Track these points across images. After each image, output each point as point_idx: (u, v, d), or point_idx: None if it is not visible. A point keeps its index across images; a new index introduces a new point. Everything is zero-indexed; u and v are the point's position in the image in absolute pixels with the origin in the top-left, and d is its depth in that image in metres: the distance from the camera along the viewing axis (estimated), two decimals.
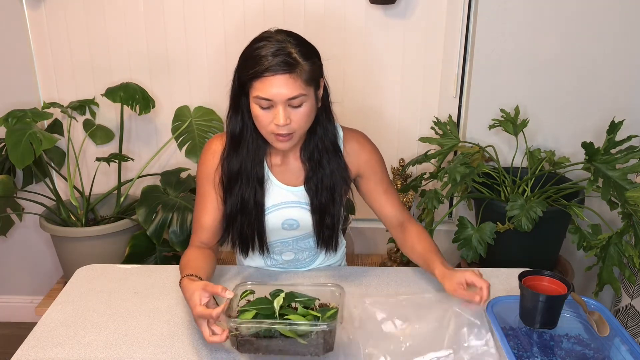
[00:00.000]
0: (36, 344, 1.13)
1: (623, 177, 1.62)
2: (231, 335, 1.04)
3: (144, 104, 1.98)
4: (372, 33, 2.05)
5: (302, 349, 1.04)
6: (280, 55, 1.16)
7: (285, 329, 1.02)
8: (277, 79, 1.16)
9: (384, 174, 1.40)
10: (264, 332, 1.02)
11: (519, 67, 2.00)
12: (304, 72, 1.18)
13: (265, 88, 1.16)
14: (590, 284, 2.24)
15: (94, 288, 1.32)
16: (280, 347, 1.04)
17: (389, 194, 1.40)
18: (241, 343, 1.05)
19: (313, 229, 1.36)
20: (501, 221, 1.78)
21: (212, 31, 2.07)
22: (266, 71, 1.15)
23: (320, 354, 1.05)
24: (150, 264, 1.93)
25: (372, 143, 1.40)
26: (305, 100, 1.19)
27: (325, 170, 1.32)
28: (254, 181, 1.31)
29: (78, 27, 2.08)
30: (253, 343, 1.04)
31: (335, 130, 1.34)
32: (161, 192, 1.98)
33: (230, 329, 1.03)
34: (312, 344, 1.03)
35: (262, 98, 1.17)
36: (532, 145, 2.05)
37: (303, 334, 1.02)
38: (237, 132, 1.29)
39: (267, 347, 1.04)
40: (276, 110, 1.18)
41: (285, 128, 1.19)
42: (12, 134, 1.77)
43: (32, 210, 2.12)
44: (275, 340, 1.03)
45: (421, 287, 1.33)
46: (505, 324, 1.17)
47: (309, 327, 1.02)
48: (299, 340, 1.02)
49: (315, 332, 1.02)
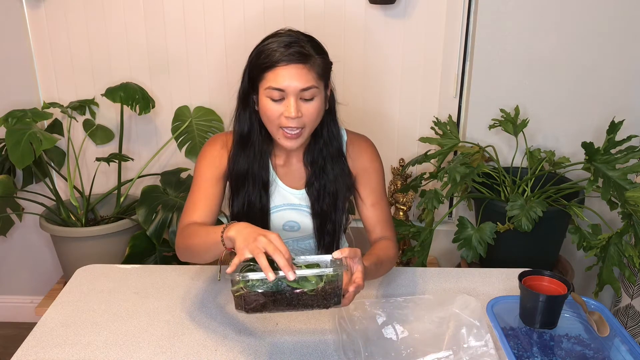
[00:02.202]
0: (36, 344, 1.13)
1: (623, 177, 1.62)
2: (236, 296, 1.01)
3: (144, 104, 1.98)
4: (372, 33, 2.05)
5: (310, 301, 1.01)
6: (293, 47, 1.16)
7: (292, 281, 0.99)
8: (291, 68, 1.15)
9: (378, 186, 1.35)
10: (270, 287, 1.00)
11: (519, 67, 2.00)
12: (316, 65, 1.18)
13: (278, 78, 1.15)
14: (590, 284, 2.24)
15: (94, 288, 1.32)
16: (288, 301, 1.01)
17: (377, 208, 1.35)
18: (247, 302, 1.01)
19: (314, 234, 1.35)
20: (501, 221, 1.78)
21: (212, 31, 2.07)
22: (280, 62, 1.15)
23: (329, 305, 1.02)
24: (150, 264, 1.93)
25: (374, 152, 1.37)
26: (316, 94, 1.19)
27: (329, 176, 1.30)
28: (259, 184, 1.30)
29: (78, 27, 2.08)
30: (259, 300, 1.01)
31: (341, 136, 1.33)
32: (161, 192, 1.98)
33: (236, 290, 1.00)
34: (319, 295, 1.01)
35: (274, 88, 1.16)
36: (532, 145, 2.05)
37: (310, 286, 1.00)
38: (246, 132, 1.28)
39: (275, 302, 1.01)
40: (287, 102, 1.17)
41: (296, 121, 1.17)
42: (12, 134, 1.77)
43: (32, 210, 2.12)
44: (281, 295, 1.01)
45: (421, 288, 1.33)
46: (505, 324, 1.17)
47: (317, 273, 1.00)
48: (306, 291, 1.00)
49: (323, 282, 1.00)
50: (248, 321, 1.19)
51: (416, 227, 1.92)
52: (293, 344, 1.12)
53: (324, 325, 1.18)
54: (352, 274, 1.04)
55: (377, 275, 1.25)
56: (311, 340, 1.13)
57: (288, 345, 1.12)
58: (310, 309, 1.03)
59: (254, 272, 1.01)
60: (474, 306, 1.16)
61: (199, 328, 1.17)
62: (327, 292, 1.01)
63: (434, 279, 1.36)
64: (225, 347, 1.11)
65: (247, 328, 1.17)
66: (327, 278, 1.00)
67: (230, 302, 1.25)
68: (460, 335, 1.10)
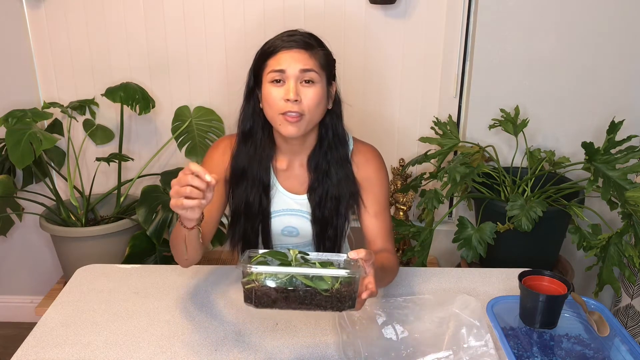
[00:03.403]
0: (36, 344, 1.13)
1: (623, 177, 1.62)
2: (246, 289, 0.97)
3: (144, 104, 1.98)
4: (372, 33, 2.05)
5: (324, 302, 0.97)
6: (297, 36, 1.21)
7: (306, 278, 0.95)
8: (292, 52, 1.19)
9: (381, 197, 1.33)
10: (283, 282, 0.95)
11: (519, 67, 2.00)
12: (319, 56, 1.21)
13: (280, 61, 1.19)
14: (590, 284, 2.24)
15: (94, 288, 1.32)
16: (300, 299, 0.96)
17: (380, 219, 1.32)
18: (258, 296, 0.96)
19: (313, 239, 1.35)
20: (501, 221, 1.78)
21: (212, 31, 2.07)
22: (282, 48, 1.19)
23: (343, 308, 0.98)
24: (150, 264, 1.93)
25: (381, 162, 1.36)
26: (317, 80, 1.20)
27: (332, 180, 1.30)
28: (259, 186, 1.30)
29: (78, 27, 2.08)
30: (270, 295, 0.96)
31: (347, 140, 1.33)
32: (161, 192, 1.98)
33: (247, 282, 0.96)
34: (334, 297, 0.96)
35: (275, 70, 1.18)
36: (532, 145, 2.05)
37: (325, 286, 0.95)
38: (248, 129, 1.29)
39: (286, 299, 0.96)
40: (287, 86, 1.18)
41: (295, 105, 1.18)
42: (12, 134, 1.77)
43: (32, 210, 2.12)
44: (294, 292, 0.96)
45: (421, 288, 1.33)
46: (505, 324, 1.17)
47: (333, 274, 0.95)
48: (320, 291, 0.95)
49: (339, 282, 0.96)
50: (248, 321, 1.19)
51: (416, 227, 1.92)
52: (293, 344, 1.12)
53: (324, 325, 1.18)
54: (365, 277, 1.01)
55: (381, 284, 1.23)
56: (311, 340, 1.13)
57: (288, 345, 1.12)
58: (323, 310, 0.98)
59: (267, 266, 0.97)
60: (474, 306, 1.16)
61: (199, 328, 1.17)
62: (342, 294, 0.97)
63: (434, 279, 1.36)
64: (225, 347, 1.11)
65: (247, 328, 1.17)
66: (343, 280, 0.96)
67: (231, 303, 1.25)
68: (460, 335, 1.10)
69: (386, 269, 1.21)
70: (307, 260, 1.03)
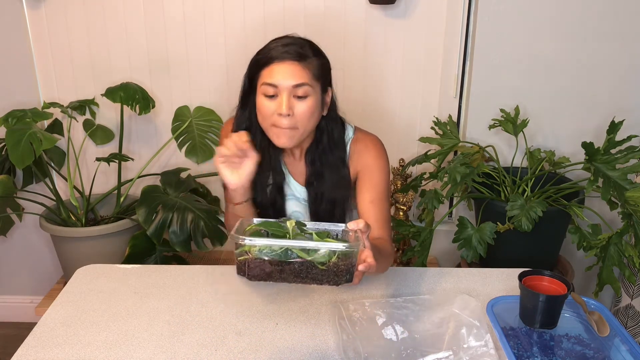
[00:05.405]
0: (36, 344, 1.13)
1: (623, 177, 1.62)
2: (239, 261, 0.92)
3: (144, 104, 1.98)
4: (372, 33, 2.05)
5: (320, 276, 0.93)
6: (291, 46, 1.19)
7: (302, 251, 0.90)
8: (285, 65, 1.17)
9: (379, 184, 1.32)
10: (278, 254, 0.91)
11: (519, 67, 2.00)
12: (312, 66, 1.19)
13: (272, 74, 1.18)
14: (590, 284, 2.24)
15: (94, 288, 1.32)
16: (296, 273, 0.92)
17: (376, 206, 1.31)
18: (251, 268, 0.92)
19: None
20: (501, 221, 1.78)
21: (213, 31, 2.07)
22: (275, 59, 1.18)
23: (339, 282, 0.94)
24: (150, 264, 1.93)
25: (380, 150, 1.35)
26: (310, 93, 1.19)
27: (327, 184, 1.31)
28: (273, 186, 1.33)
29: (78, 27, 2.08)
30: (265, 268, 0.92)
31: (344, 143, 1.33)
32: (161, 192, 1.98)
33: (240, 253, 0.92)
34: (331, 271, 0.92)
35: (268, 84, 1.18)
36: (532, 145, 2.05)
37: (322, 259, 0.90)
38: (243, 129, 1.30)
39: (281, 272, 0.92)
40: (280, 100, 1.18)
41: (288, 120, 1.18)
42: (12, 134, 1.77)
43: (32, 210, 2.12)
44: (289, 266, 0.91)
45: (421, 288, 1.33)
46: (505, 324, 1.17)
47: (330, 247, 0.90)
48: (317, 264, 0.91)
49: (336, 256, 0.91)
50: (248, 321, 1.19)
51: (416, 227, 1.93)
52: (293, 344, 1.12)
53: (324, 326, 1.18)
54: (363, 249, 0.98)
55: (377, 267, 1.23)
56: (311, 340, 1.13)
57: (288, 345, 1.12)
58: (319, 284, 0.94)
59: (261, 238, 0.92)
60: (474, 306, 1.16)
61: (199, 328, 1.17)
62: (339, 268, 0.92)
63: (434, 279, 1.36)
64: (225, 347, 1.11)
65: (247, 328, 1.17)
66: (340, 253, 0.91)
67: (231, 303, 1.25)
68: (460, 335, 1.10)
69: (381, 252, 1.19)
70: (304, 231, 0.98)
